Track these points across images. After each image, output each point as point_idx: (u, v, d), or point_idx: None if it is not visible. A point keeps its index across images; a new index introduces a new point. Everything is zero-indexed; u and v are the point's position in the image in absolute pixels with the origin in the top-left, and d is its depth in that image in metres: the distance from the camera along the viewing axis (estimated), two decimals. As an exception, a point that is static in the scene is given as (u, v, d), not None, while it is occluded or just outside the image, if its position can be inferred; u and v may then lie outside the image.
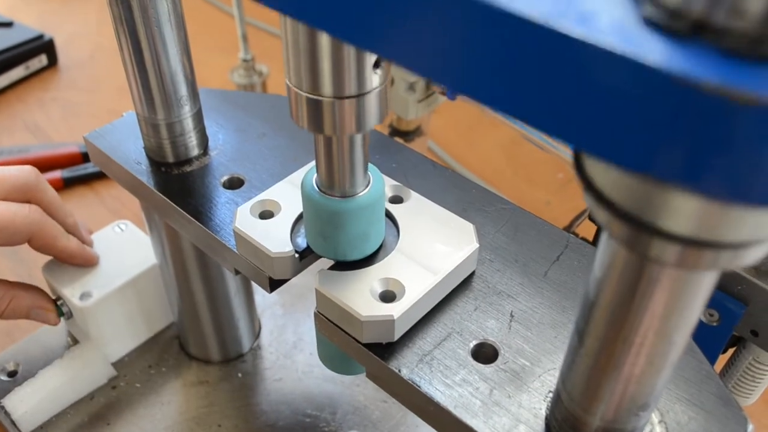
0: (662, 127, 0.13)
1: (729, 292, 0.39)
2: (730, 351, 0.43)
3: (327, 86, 0.24)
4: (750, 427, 0.28)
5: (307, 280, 0.58)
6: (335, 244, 0.31)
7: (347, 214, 0.29)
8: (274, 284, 0.34)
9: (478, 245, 0.33)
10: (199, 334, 0.50)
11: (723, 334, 0.40)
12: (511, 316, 0.32)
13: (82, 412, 0.48)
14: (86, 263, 0.48)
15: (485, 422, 0.28)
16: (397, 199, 0.35)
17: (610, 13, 0.13)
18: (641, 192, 0.15)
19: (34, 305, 0.46)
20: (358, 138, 0.27)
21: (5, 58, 0.86)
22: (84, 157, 0.74)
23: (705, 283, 0.19)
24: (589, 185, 0.17)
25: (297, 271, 0.33)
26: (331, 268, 0.32)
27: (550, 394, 0.28)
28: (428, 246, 0.32)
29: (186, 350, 0.52)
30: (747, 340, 0.41)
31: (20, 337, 0.54)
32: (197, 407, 0.49)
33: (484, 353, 0.30)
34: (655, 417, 0.28)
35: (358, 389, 0.50)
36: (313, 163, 0.31)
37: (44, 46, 0.89)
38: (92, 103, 0.85)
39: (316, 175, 0.30)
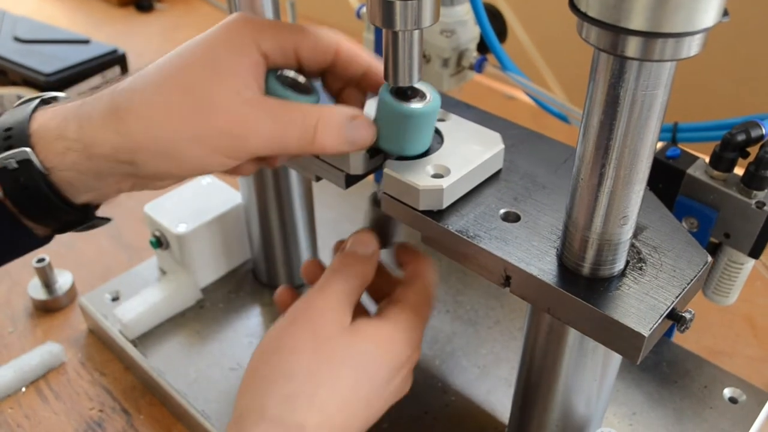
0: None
1: (704, 202, 0.49)
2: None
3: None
4: (708, 258, 0.38)
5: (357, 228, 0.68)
6: (400, 142, 0.41)
7: (414, 117, 0.40)
8: (349, 180, 0.44)
9: (503, 146, 0.43)
10: (272, 263, 0.61)
11: (702, 239, 0.50)
12: (530, 195, 0.42)
13: (176, 325, 0.59)
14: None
15: (512, 255, 0.38)
16: (440, 120, 0.46)
17: None
18: (611, 1, 0.26)
19: (348, 115, 0.39)
20: (416, 34, 0.38)
21: (85, 69, 0.99)
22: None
23: (662, 76, 0.29)
24: (583, 15, 0.28)
25: (367, 168, 0.43)
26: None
27: (559, 240, 0.38)
28: (466, 146, 0.43)
29: (260, 280, 0.63)
30: (722, 244, 0.50)
31: (117, 274, 0.65)
32: (271, 320, 0.59)
33: (510, 217, 0.40)
34: (637, 253, 0.38)
35: (403, 308, 0.60)
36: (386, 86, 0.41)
37: (118, 59, 1.02)
38: (161, 105, 0.97)
39: (390, 89, 0.41)
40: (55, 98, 0.40)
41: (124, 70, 1.03)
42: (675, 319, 0.36)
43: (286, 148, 0.37)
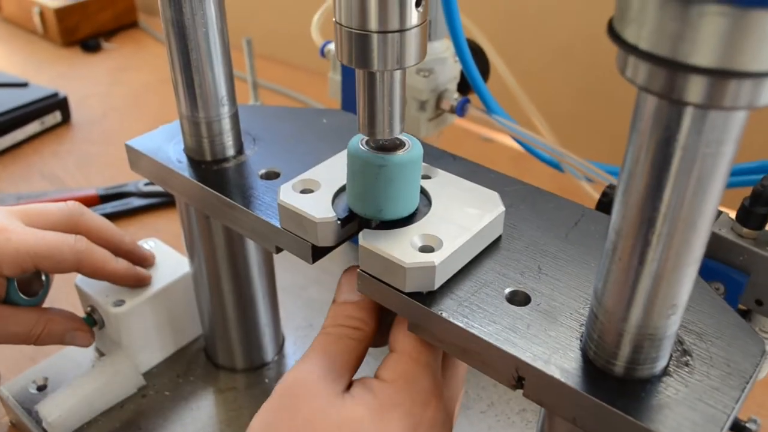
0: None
1: (732, 264, 0.42)
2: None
3: (373, 22, 0.27)
4: (766, 347, 0.30)
5: (327, 296, 0.60)
6: (376, 202, 0.34)
7: (390, 168, 0.32)
8: (316, 253, 0.36)
9: (503, 209, 0.36)
10: (227, 341, 0.52)
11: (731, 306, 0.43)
12: (539, 269, 0.34)
13: (113, 419, 0.49)
14: (138, 283, 0.50)
15: (526, 351, 0.30)
16: (426, 177, 0.38)
17: None
18: (672, 30, 0.19)
19: (69, 328, 0.48)
20: (398, 75, 0.30)
21: (20, 114, 0.90)
22: (102, 199, 0.76)
23: (731, 129, 0.22)
24: (627, 47, 0.20)
25: (339, 238, 0.36)
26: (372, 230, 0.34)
27: (582, 328, 0.31)
28: (459, 210, 0.35)
29: (213, 361, 0.54)
30: (752, 311, 0.43)
31: (48, 355, 0.56)
32: (226, 411, 0.50)
33: (518, 298, 0.33)
34: (680, 344, 0.30)
35: (382, 390, 0.51)
36: (356, 137, 0.34)
37: (58, 104, 0.93)
38: (107, 154, 0.88)
39: (361, 138, 0.33)
40: None
41: (65, 114, 0.94)
42: (738, 431, 0.28)
43: (16, 342, 0.46)
